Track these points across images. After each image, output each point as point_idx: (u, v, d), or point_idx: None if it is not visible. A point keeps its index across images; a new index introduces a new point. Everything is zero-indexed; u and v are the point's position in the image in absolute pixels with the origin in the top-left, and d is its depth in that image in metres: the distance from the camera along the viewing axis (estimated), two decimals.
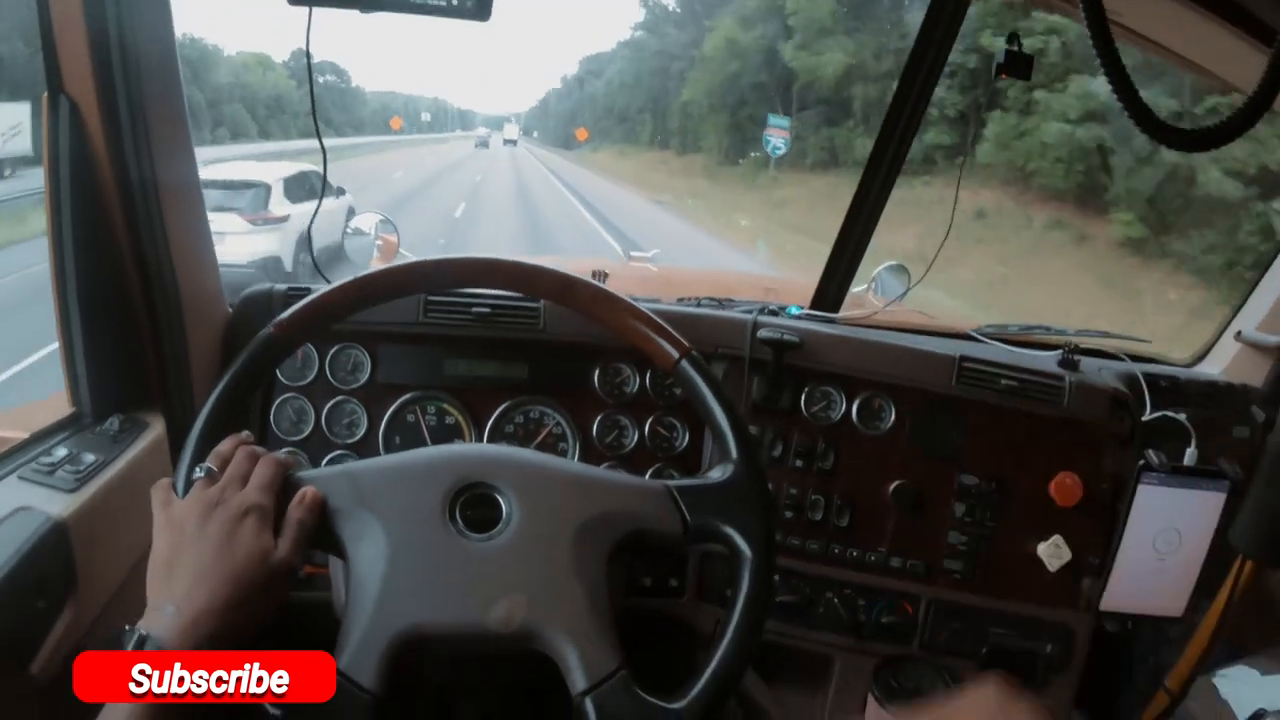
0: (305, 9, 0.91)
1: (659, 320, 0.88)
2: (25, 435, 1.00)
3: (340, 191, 8.13)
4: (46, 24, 0.93)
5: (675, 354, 0.86)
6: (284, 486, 0.72)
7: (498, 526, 0.74)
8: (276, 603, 0.68)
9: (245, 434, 0.76)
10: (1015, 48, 1.21)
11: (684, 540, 0.78)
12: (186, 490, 0.71)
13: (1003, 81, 1.33)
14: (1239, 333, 1.57)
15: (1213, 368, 1.59)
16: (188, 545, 0.66)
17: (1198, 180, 9.32)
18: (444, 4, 0.89)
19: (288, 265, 6.85)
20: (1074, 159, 10.73)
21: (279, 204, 7.18)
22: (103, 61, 0.94)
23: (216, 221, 3.03)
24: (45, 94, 0.95)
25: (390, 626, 0.68)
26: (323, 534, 0.73)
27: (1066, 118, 10.68)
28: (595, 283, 0.90)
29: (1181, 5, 1.06)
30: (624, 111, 35.71)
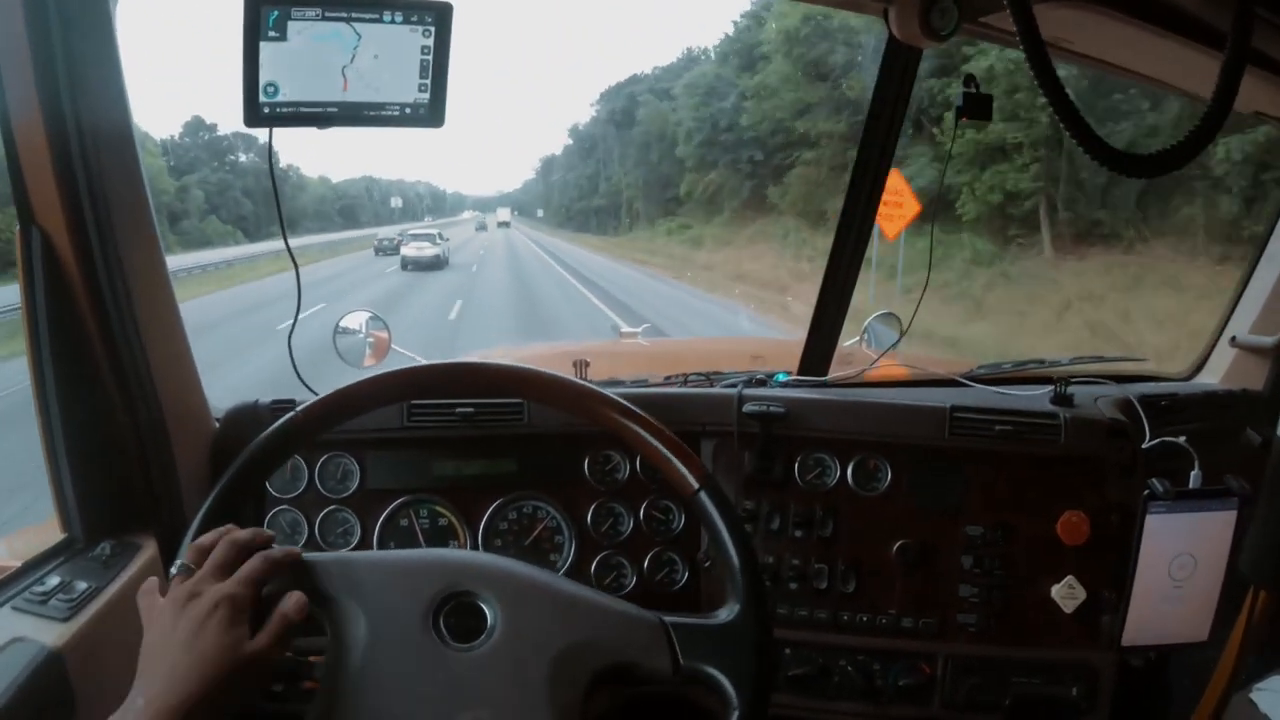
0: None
1: (679, 443, 0.85)
2: (17, 564, 1.00)
3: (446, 239, 23.41)
4: (14, 159, 0.94)
5: (695, 484, 0.82)
6: (277, 579, 0.72)
7: (479, 638, 0.72)
8: (249, 695, 0.68)
9: (228, 526, 0.75)
10: (973, 89, 1.22)
11: (670, 679, 0.74)
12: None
13: None
14: (1233, 338, 1.56)
15: (1211, 377, 1.59)
16: (163, 639, 0.67)
17: None
18: (398, 114, 0.90)
19: (444, 258, 20.79)
20: None
21: (440, 239, 22.11)
22: (70, 192, 0.95)
23: (421, 243, 21.84)
24: (17, 227, 0.96)
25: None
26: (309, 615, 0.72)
27: None
28: (620, 399, 0.87)
29: (1129, 24, 1.07)
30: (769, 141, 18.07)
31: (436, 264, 20.69)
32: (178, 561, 0.72)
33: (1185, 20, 1.05)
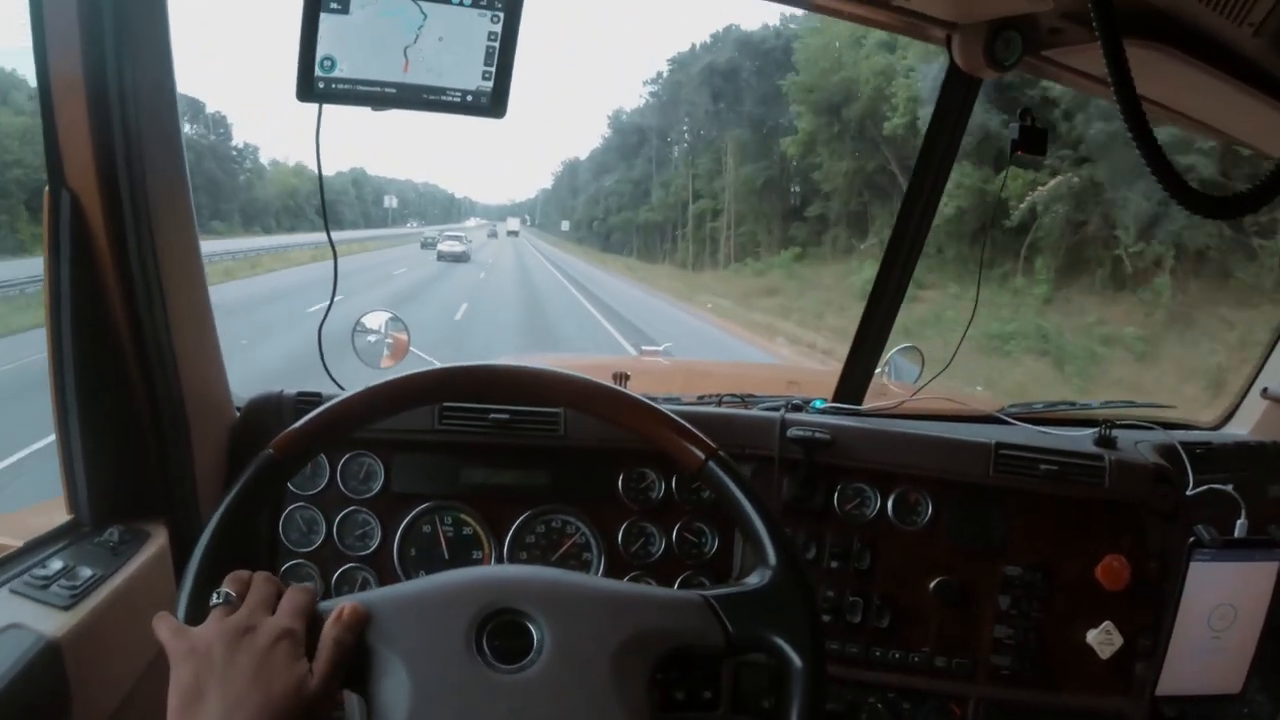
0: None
1: (682, 422, 0.84)
2: (18, 544, 0.95)
3: (470, 240, 34.17)
4: (50, 119, 0.90)
5: (702, 455, 0.82)
6: (314, 615, 0.68)
7: (529, 656, 0.68)
8: None
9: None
10: (1029, 123, 1.20)
11: (726, 652, 0.73)
12: (196, 619, 0.66)
13: None
14: (1265, 389, 1.55)
15: (1240, 428, 1.57)
16: (216, 676, 0.61)
17: None
18: (459, 101, 0.87)
19: (468, 254, 28.51)
20: None
21: (463, 237, 31.67)
22: (106, 155, 0.91)
23: (452, 242, 29.73)
24: (46, 188, 0.92)
25: None
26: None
27: None
28: (615, 387, 0.87)
29: (1200, 70, 1.05)
30: None
31: (463, 257, 28.18)
32: (221, 590, 0.67)
33: (1254, 71, 1.04)
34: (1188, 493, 1.22)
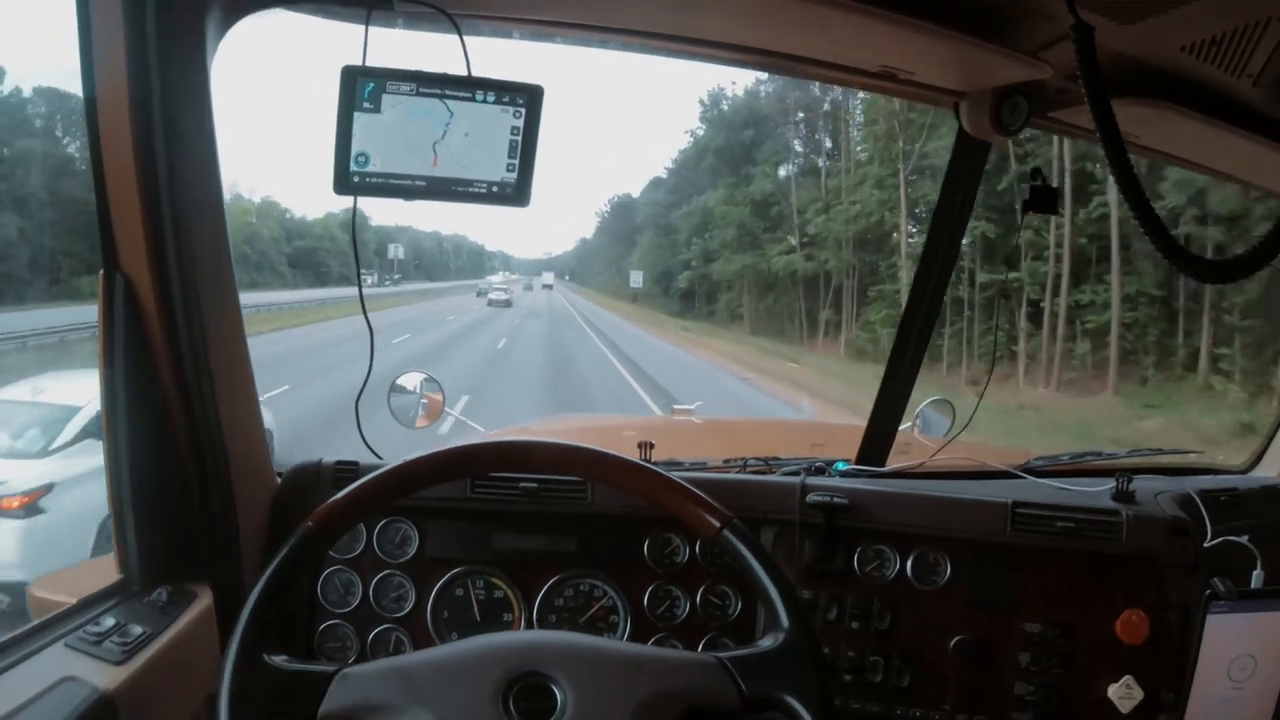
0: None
1: (697, 491, 0.88)
2: (71, 601, 1.01)
3: (510, 290, 41.44)
4: (104, 207, 0.97)
5: (716, 523, 0.86)
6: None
7: (553, 716, 0.73)
8: None
9: None
10: (1039, 183, 1.23)
11: (741, 712, 0.77)
12: (242, 681, 0.72)
13: None
14: None
15: (1270, 470, 1.56)
16: None
17: None
18: (484, 192, 0.92)
19: (512, 301, 34.51)
20: None
21: (507, 290, 39.64)
22: (157, 240, 0.97)
23: (499, 291, 38.56)
24: (101, 273, 0.99)
25: None
26: None
27: None
28: (629, 458, 0.91)
29: (1200, 121, 1.07)
30: None
31: (508, 304, 33.49)
32: None
33: (1258, 118, 1.05)
34: (1205, 544, 1.22)
